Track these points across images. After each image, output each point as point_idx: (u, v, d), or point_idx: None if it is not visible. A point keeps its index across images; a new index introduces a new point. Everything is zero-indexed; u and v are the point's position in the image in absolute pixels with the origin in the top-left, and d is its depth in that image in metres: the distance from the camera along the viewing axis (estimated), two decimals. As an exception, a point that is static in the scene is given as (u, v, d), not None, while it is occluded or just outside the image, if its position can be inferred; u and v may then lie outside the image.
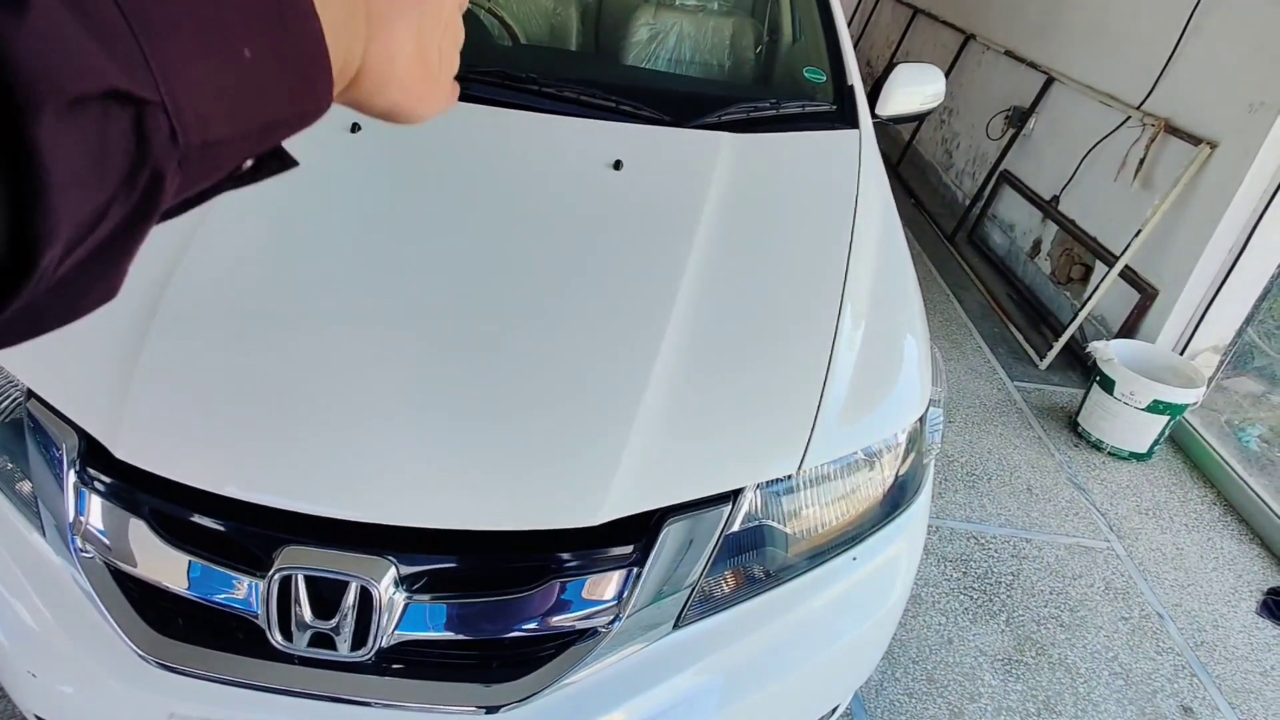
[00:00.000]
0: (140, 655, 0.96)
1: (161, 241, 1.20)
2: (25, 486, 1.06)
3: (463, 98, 1.48)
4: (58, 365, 1.05)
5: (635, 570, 0.99)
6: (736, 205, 1.39)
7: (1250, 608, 2.17)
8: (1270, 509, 2.43)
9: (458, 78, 0.38)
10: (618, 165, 1.42)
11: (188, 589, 0.95)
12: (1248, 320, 2.85)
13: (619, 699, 1.00)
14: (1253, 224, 2.67)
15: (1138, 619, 2.07)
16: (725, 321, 1.20)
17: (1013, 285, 3.93)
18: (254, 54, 0.24)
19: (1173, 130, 2.98)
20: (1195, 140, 2.84)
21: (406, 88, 0.34)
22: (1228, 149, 2.71)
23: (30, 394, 1.04)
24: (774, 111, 1.68)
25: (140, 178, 0.22)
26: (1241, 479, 2.55)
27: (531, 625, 0.98)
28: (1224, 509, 2.57)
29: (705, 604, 1.05)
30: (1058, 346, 3.20)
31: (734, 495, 1.04)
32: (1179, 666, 1.95)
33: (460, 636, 0.98)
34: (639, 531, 1.00)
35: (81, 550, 0.98)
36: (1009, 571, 2.17)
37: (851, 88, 1.82)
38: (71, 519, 0.98)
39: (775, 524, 1.10)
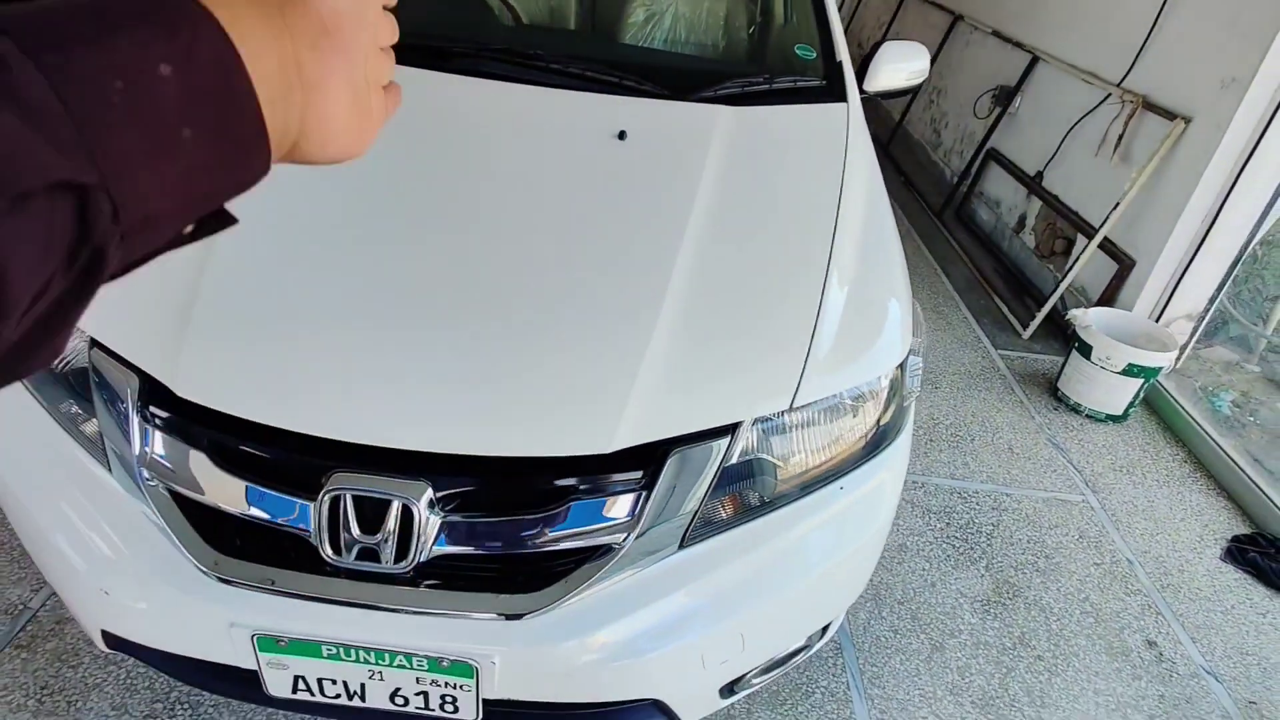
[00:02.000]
0: (203, 572, 1.08)
1: None
2: (89, 427, 1.17)
3: (477, 74, 1.58)
4: (118, 315, 1.15)
5: (644, 494, 1.11)
6: (733, 171, 1.50)
7: (1215, 554, 2.32)
8: (1238, 466, 2.57)
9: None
10: (622, 135, 1.52)
11: (246, 511, 1.07)
12: (1220, 289, 2.98)
13: (629, 609, 1.12)
14: (1223, 196, 2.80)
15: (1109, 564, 2.21)
16: (724, 274, 1.31)
17: (998, 260, 4.05)
18: (194, 134, 0.25)
19: (1150, 106, 3.09)
20: (1170, 116, 2.95)
21: (345, 136, 0.35)
22: (1201, 124, 2.83)
23: (93, 343, 1.15)
24: (767, 86, 1.79)
25: (83, 254, 0.24)
26: (1212, 438, 2.69)
27: (551, 543, 1.09)
28: (1194, 466, 2.71)
29: (707, 527, 1.17)
30: (1040, 316, 3.33)
31: (732, 429, 1.16)
32: (1145, 606, 2.09)
33: (488, 552, 1.09)
34: (647, 460, 1.12)
35: (148, 481, 1.09)
36: (989, 523, 2.30)
37: (840, 64, 1.93)
38: (138, 453, 1.09)
39: (769, 458, 1.22)
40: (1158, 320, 3.04)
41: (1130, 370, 2.71)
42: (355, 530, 1.04)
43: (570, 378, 1.12)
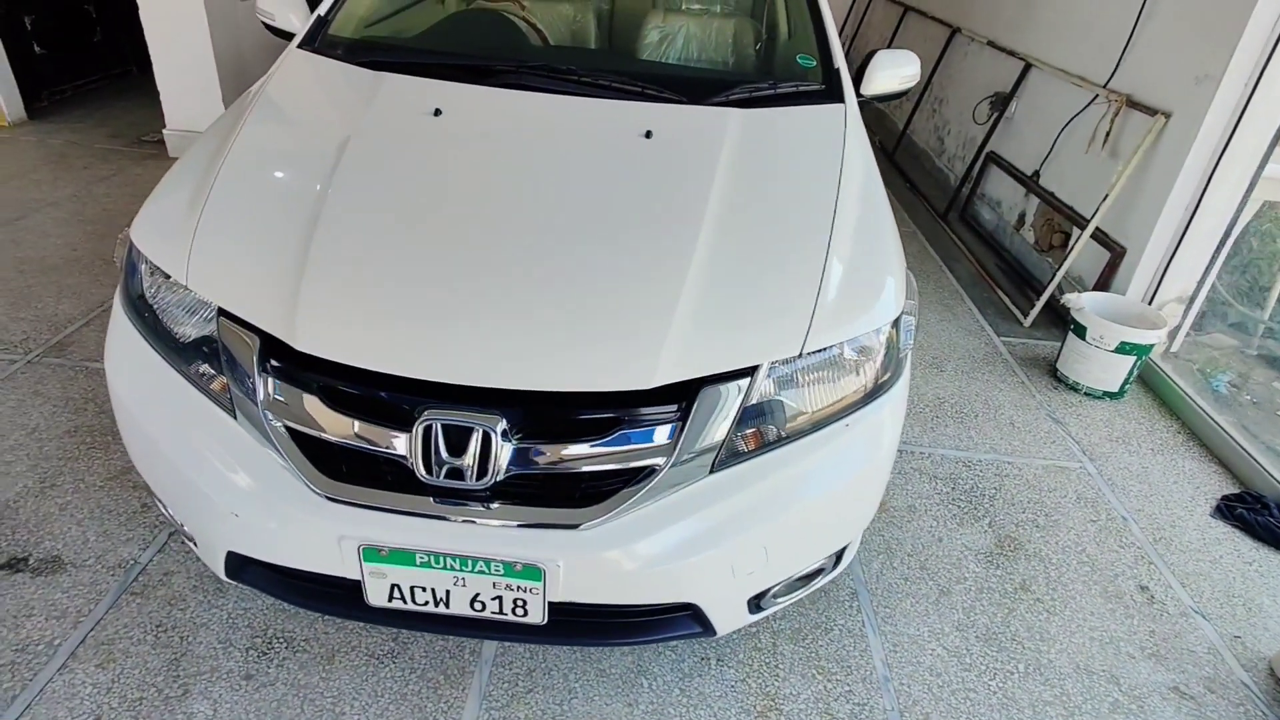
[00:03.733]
0: (317, 493, 1.31)
1: (310, 176, 1.57)
2: (216, 385, 1.41)
3: (520, 87, 1.83)
4: (239, 287, 1.40)
5: (680, 424, 1.33)
6: (745, 159, 1.74)
7: (1205, 512, 2.49)
8: (1228, 434, 2.73)
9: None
10: (649, 134, 1.76)
11: (353, 442, 1.30)
12: (1206, 272, 3.16)
13: (668, 523, 1.34)
14: (1203, 185, 2.99)
15: (1104, 521, 2.39)
16: (740, 241, 1.54)
17: (1000, 256, 4.25)
18: None
19: (1133, 104, 3.30)
20: (1152, 112, 3.16)
21: None
22: (1179, 118, 3.04)
23: (220, 312, 1.39)
24: (773, 91, 2.03)
25: None
26: (1204, 411, 2.86)
27: (602, 463, 1.31)
28: (1187, 436, 2.88)
29: (732, 457, 1.39)
30: (1039, 304, 3.52)
31: (752, 371, 1.38)
32: (1139, 556, 2.27)
33: (549, 472, 1.31)
34: (680, 395, 1.34)
35: (270, 422, 1.33)
36: (992, 487, 2.49)
37: (837, 70, 2.17)
38: (261, 398, 1.33)
39: (784, 399, 1.43)
40: (1150, 303, 3.22)
41: (1123, 348, 2.90)
42: (444, 454, 1.27)
43: (616, 325, 1.35)
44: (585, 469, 1.31)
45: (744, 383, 1.37)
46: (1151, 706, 1.82)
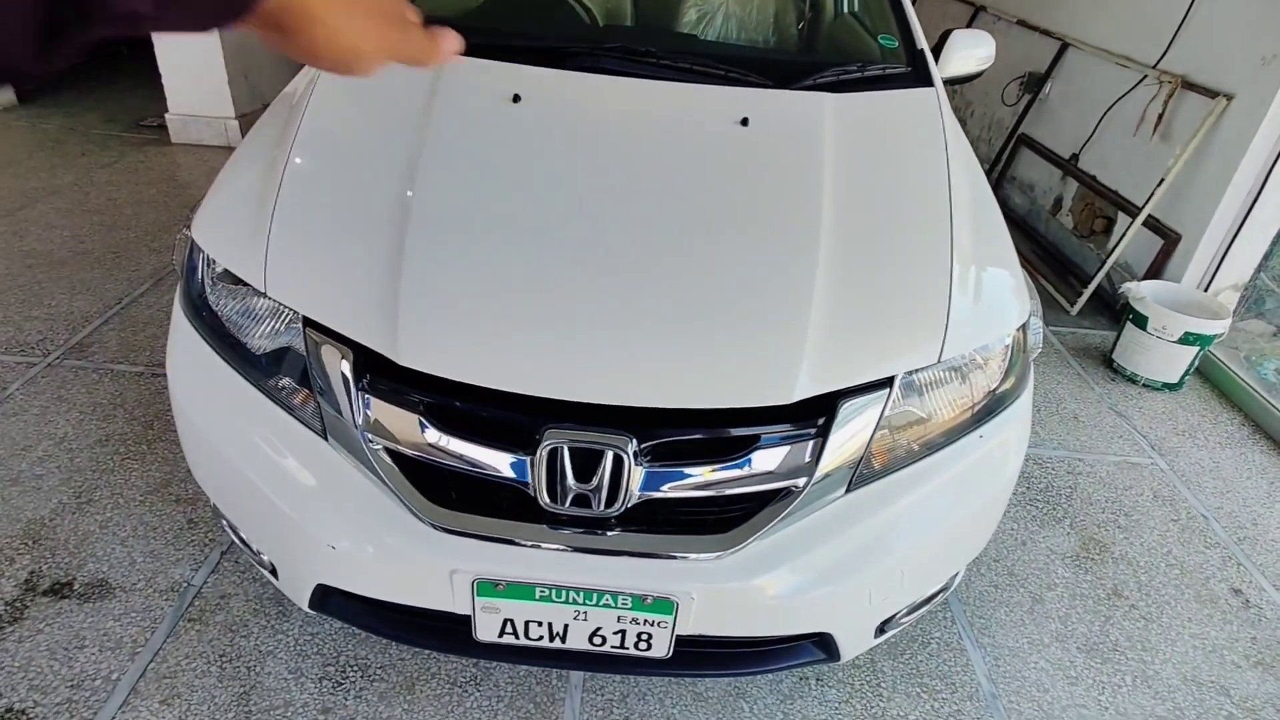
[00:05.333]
0: (427, 523, 1.18)
1: (389, 168, 1.42)
2: (298, 400, 1.28)
3: (600, 70, 1.69)
4: (327, 295, 1.26)
5: (820, 441, 1.22)
6: (849, 152, 1.61)
7: (1284, 509, 2.42)
8: (1295, 426, 2.67)
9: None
10: (745, 122, 1.63)
11: (468, 467, 1.17)
12: (1265, 259, 3.09)
13: (808, 548, 1.23)
14: (1268, 169, 2.90)
15: (1185, 520, 2.32)
16: (861, 240, 1.42)
17: (1036, 241, 4.16)
18: None
19: (1189, 85, 3.20)
20: (1212, 94, 3.06)
21: (338, 25, 0.35)
22: (1243, 101, 2.94)
23: (306, 322, 1.26)
24: (860, 74, 1.90)
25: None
26: (1269, 402, 2.79)
27: (740, 485, 1.20)
28: (1252, 429, 2.81)
29: (868, 473, 1.28)
30: (1087, 292, 3.44)
31: (889, 382, 1.27)
32: (1226, 558, 2.19)
33: (683, 495, 1.20)
34: (818, 410, 1.22)
35: (370, 443, 1.20)
36: (1066, 485, 2.40)
37: (921, 51, 2.04)
38: (360, 419, 1.20)
39: (917, 410, 1.33)
40: (1205, 290, 3.14)
41: (1187, 339, 2.82)
42: (571, 480, 1.15)
43: (750, 336, 1.23)
44: (721, 492, 1.20)
45: (882, 394, 1.26)
46: (1267, 718, 1.74)
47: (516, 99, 1.62)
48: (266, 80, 4.62)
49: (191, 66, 4.26)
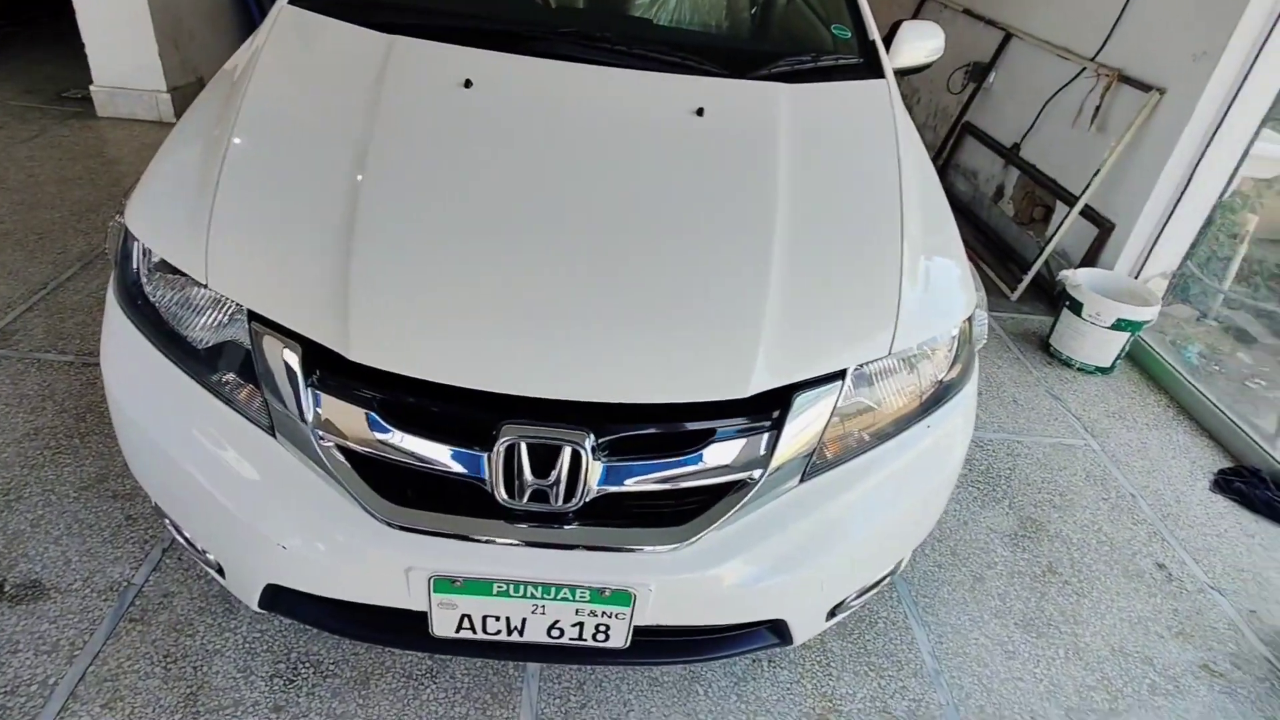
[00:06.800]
0: (381, 520, 1.16)
1: (337, 155, 1.38)
2: (243, 396, 1.24)
3: (553, 55, 1.65)
4: (274, 288, 1.22)
5: (775, 434, 1.23)
6: (802, 144, 1.62)
7: (1204, 486, 2.56)
8: (1217, 407, 2.82)
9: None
10: (700, 112, 1.63)
11: (423, 464, 1.16)
12: (1191, 248, 3.24)
13: (763, 537, 1.25)
14: (1195, 162, 3.04)
15: (1115, 499, 2.43)
16: (815, 234, 1.44)
17: (978, 228, 4.28)
18: None
19: (1125, 79, 3.32)
20: (1146, 88, 3.18)
21: None
22: (1174, 95, 3.06)
23: (251, 315, 1.22)
24: (814, 64, 1.92)
25: None
26: (1192, 384, 2.94)
27: (697, 478, 1.21)
28: (1177, 410, 2.96)
29: (821, 463, 1.31)
30: (1027, 279, 3.55)
31: (842, 374, 1.29)
32: (1152, 534, 2.32)
33: (641, 489, 1.20)
34: (773, 403, 1.24)
35: (322, 441, 1.17)
36: (1006, 467, 2.50)
37: (873, 42, 2.06)
38: (311, 416, 1.17)
39: (867, 401, 1.36)
40: (1136, 278, 3.28)
41: (1119, 325, 2.94)
42: (529, 476, 1.15)
43: (705, 330, 1.24)
44: (678, 485, 1.21)
45: (835, 386, 1.28)
46: (1186, 686, 1.86)
47: (468, 84, 1.59)
48: (201, 51, 4.41)
49: (117, 35, 4.03)
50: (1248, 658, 1.96)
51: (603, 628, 1.26)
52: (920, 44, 2.24)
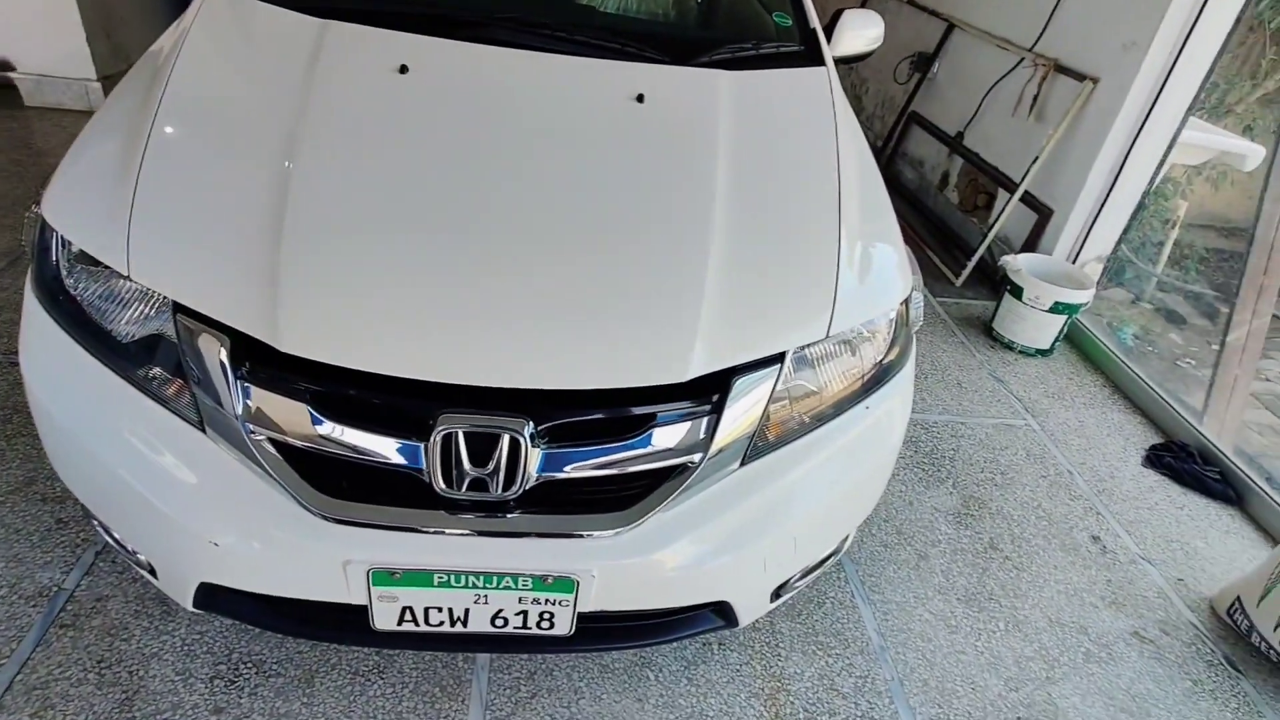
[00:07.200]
0: (316, 514, 1.14)
1: (266, 140, 1.34)
2: (170, 391, 1.20)
3: (491, 41, 1.63)
4: (200, 279, 1.19)
5: (714, 418, 1.24)
6: (743, 131, 1.63)
7: (1137, 462, 2.66)
8: (1149, 385, 2.93)
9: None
10: (640, 98, 1.63)
11: (359, 456, 1.14)
12: (1125, 232, 3.35)
13: (704, 520, 1.26)
14: (1127, 150, 3.14)
15: (1053, 476, 2.51)
16: (753, 220, 1.45)
17: (924, 216, 4.36)
18: None
19: (1061, 69, 3.41)
20: (1080, 77, 3.27)
21: None
22: (1107, 84, 3.16)
23: (176, 308, 1.18)
24: (755, 51, 1.93)
25: None
26: (1125, 364, 3.05)
27: (636, 463, 1.21)
28: (1112, 389, 3.07)
29: (761, 446, 1.32)
30: (970, 265, 3.64)
31: (781, 358, 1.31)
32: (1087, 508, 2.40)
33: (581, 476, 1.20)
34: (712, 387, 1.25)
35: (253, 434, 1.14)
36: (950, 448, 2.56)
37: (814, 30, 2.08)
38: (240, 409, 1.14)
39: (808, 384, 1.38)
40: (1073, 262, 3.38)
41: (1056, 308, 3.03)
42: (467, 464, 1.14)
43: (644, 315, 1.24)
44: (619, 471, 1.21)
45: (774, 369, 1.30)
46: (1118, 652, 1.93)
47: (404, 70, 1.56)
48: (133, 38, 4.25)
49: (43, 22, 3.86)
50: (1175, 624, 2.04)
51: (547, 615, 1.26)
52: (860, 33, 2.26)
